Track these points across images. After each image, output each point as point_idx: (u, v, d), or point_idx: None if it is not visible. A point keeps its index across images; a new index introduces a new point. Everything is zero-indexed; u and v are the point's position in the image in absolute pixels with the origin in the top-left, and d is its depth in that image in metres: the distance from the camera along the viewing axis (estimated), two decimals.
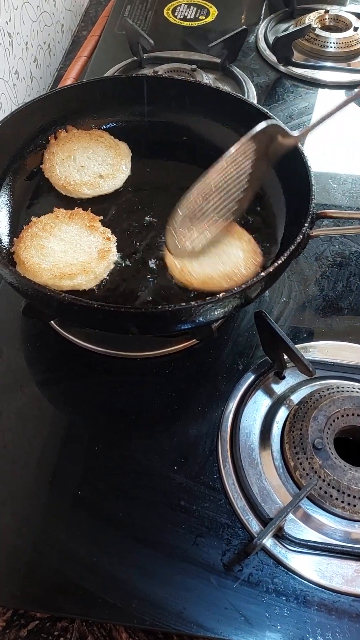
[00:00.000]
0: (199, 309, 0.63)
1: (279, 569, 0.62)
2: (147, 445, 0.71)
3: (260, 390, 0.75)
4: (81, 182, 0.87)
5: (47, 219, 0.80)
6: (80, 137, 0.92)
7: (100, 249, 0.77)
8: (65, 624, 0.63)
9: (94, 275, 0.75)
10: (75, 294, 0.73)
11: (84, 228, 0.80)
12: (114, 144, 0.92)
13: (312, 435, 0.66)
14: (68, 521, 0.65)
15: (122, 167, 0.90)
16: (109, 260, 0.77)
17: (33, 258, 0.75)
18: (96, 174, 0.88)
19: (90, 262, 0.76)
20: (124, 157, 0.91)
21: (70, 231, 0.79)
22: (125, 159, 0.91)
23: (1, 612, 0.64)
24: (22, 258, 0.75)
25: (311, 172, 0.75)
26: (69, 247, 0.77)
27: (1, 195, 0.83)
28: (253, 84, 1.19)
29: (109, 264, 0.77)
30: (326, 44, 1.25)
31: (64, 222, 0.80)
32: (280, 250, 0.79)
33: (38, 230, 0.78)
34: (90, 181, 0.87)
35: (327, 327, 0.82)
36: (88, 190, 0.87)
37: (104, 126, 0.96)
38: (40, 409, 0.75)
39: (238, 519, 0.64)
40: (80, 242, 0.78)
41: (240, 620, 0.59)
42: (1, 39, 1.08)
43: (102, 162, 0.90)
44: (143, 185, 0.90)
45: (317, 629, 0.58)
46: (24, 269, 0.74)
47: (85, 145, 0.91)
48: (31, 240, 0.77)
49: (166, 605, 0.59)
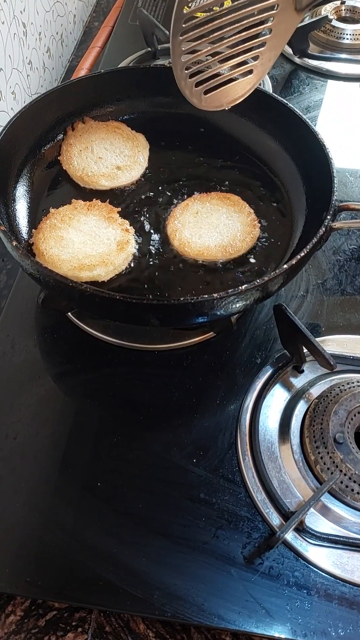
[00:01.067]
0: (221, 301, 0.63)
1: (300, 562, 0.62)
2: (166, 438, 0.71)
3: (278, 383, 0.75)
4: (99, 173, 0.87)
5: (66, 210, 0.80)
6: (98, 129, 0.92)
7: (119, 240, 0.77)
8: (83, 614, 0.63)
9: (113, 267, 0.75)
10: (93, 285, 0.72)
11: (103, 219, 0.79)
12: (132, 136, 0.92)
13: (333, 430, 0.66)
14: (88, 513, 0.65)
15: (139, 159, 0.89)
16: (127, 252, 0.77)
17: (52, 249, 0.75)
18: (114, 165, 0.88)
19: (109, 253, 0.75)
20: (142, 149, 0.91)
21: (89, 222, 0.79)
22: (142, 151, 0.91)
23: (19, 602, 0.64)
24: (41, 249, 0.74)
25: (333, 164, 0.74)
26: (88, 239, 0.77)
27: (20, 185, 0.83)
28: (268, 76, 1.18)
29: (128, 256, 0.77)
30: (342, 36, 1.24)
31: (82, 213, 0.80)
32: (299, 244, 0.78)
33: (57, 221, 0.78)
34: (107, 172, 0.87)
35: (345, 321, 0.82)
36: (106, 181, 0.86)
37: (121, 117, 0.95)
38: (57, 401, 0.75)
39: (258, 512, 0.64)
40: (98, 233, 0.78)
41: (261, 612, 0.59)
42: (16, 29, 1.07)
43: (120, 154, 0.89)
44: (160, 176, 0.89)
45: (339, 622, 0.58)
46: (43, 260, 0.74)
47: (102, 136, 0.91)
48: (50, 231, 0.77)
49: (187, 597, 0.59)
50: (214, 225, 0.81)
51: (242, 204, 0.83)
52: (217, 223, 0.81)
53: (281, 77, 1.20)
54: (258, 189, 0.87)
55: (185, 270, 0.78)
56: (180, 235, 0.80)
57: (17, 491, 0.67)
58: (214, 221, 0.81)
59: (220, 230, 0.80)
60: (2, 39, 1.01)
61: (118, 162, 0.88)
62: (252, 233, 0.80)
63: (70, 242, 0.76)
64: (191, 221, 0.81)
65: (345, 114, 1.14)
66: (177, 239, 0.79)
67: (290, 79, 1.20)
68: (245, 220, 0.81)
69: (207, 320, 0.67)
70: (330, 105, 1.15)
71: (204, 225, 0.81)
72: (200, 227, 0.81)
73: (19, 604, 0.64)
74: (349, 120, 1.12)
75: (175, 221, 0.81)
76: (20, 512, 0.66)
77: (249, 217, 0.82)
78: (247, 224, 0.81)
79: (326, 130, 1.09)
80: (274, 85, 1.17)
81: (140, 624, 0.62)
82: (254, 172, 0.89)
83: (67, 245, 0.76)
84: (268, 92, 0.87)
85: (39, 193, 0.84)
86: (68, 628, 0.62)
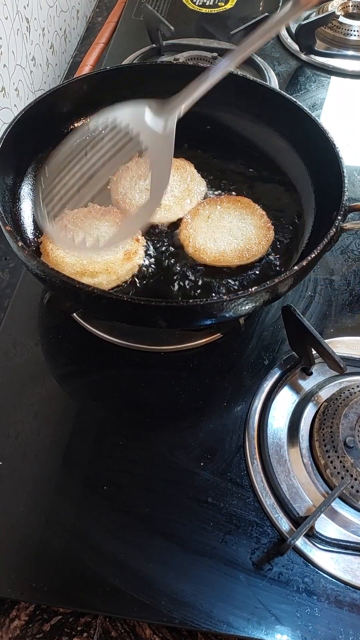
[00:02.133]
0: (230, 304, 0.61)
1: (309, 567, 0.61)
2: (172, 441, 0.70)
3: (287, 386, 0.74)
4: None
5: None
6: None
7: (127, 250, 0.75)
8: (89, 619, 0.62)
9: (116, 276, 0.73)
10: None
11: (115, 227, 0.78)
12: (193, 178, 0.86)
13: (344, 433, 0.65)
14: (93, 516, 0.64)
15: (185, 203, 0.83)
16: (133, 263, 0.75)
17: (59, 250, 0.73)
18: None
19: (114, 262, 0.74)
20: (193, 195, 0.84)
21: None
22: (193, 197, 0.84)
23: (24, 607, 0.63)
24: (47, 249, 0.73)
25: (343, 163, 0.73)
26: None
27: (25, 184, 0.81)
28: (274, 73, 1.16)
29: (134, 267, 0.76)
30: (349, 32, 1.22)
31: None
32: (308, 244, 0.77)
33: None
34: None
35: (354, 322, 0.81)
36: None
37: None
38: (60, 402, 0.74)
39: (267, 517, 0.64)
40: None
41: (270, 619, 0.58)
42: (19, 24, 1.06)
43: (168, 192, 0.83)
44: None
45: (350, 629, 0.57)
46: (48, 260, 0.73)
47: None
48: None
49: (195, 603, 0.59)
50: (227, 229, 0.79)
51: (253, 206, 0.82)
52: (230, 227, 0.79)
53: (287, 74, 1.19)
54: (266, 188, 0.86)
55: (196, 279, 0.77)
56: (194, 241, 0.78)
57: (18, 492, 0.66)
58: (226, 225, 0.80)
59: (234, 234, 0.79)
60: (5, 35, 1.00)
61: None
62: (267, 236, 0.78)
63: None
64: (204, 227, 0.80)
65: (352, 111, 1.13)
66: (191, 245, 0.78)
67: (296, 75, 1.19)
68: (259, 223, 0.80)
69: (215, 322, 0.66)
70: (337, 102, 1.13)
71: (217, 229, 0.79)
72: (214, 232, 0.79)
73: (24, 608, 0.63)
74: (355, 118, 1.11)
75: (188, 227, 0.80)
76: (23, 513, 0.65)
77: (261, 220, 0.80)
78: (261, 227, 0.79)
79: (333, 128, 1.07)
80: (280, 82, 1.15)
81: (146, 629, 0.61)
82: (262, 172, 0.88)
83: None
84: (276, 89, 0.86)
85: None
86: (73, 633, 0.61)
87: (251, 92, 0.88)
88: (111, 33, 1.34)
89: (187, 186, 0.84)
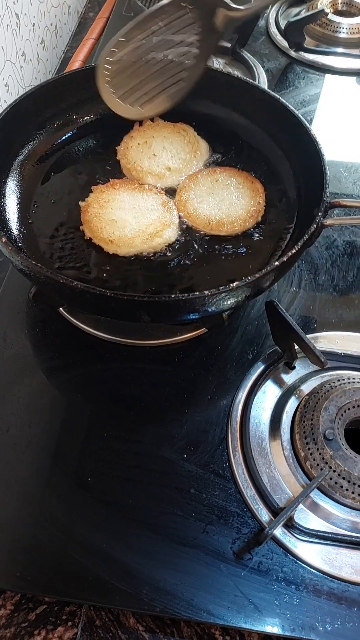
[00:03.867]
0: (212, 298, 0.62)
1: (289, 557, 0.62)
2: (157, 433, 0.71)
3: (270, 380, 0.75)
4: (148, 170, 0.85)
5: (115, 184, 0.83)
6: (163, 127, 0.90)
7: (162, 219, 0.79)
8: (74, 609, 0.63)
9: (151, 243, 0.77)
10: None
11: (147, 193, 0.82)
12: (194, 140, 0.89)
13: (323, 426, 0.66)
14: (78, 507, 0.65)
15: (192, 164, 0.87)
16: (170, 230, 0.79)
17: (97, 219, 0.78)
18: (164, 165, 0.86)
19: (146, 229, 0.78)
20: (199, 156, 0.88)
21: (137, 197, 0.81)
22: (199, 158, 0.88)
23: (9, 596, 0.64)
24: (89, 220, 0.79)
25: (325, 160, 0.74)
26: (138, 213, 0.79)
27: (10, 180, 0.82)
28: (264, 69, 1.17)
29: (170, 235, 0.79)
30: (338, 30, 1.23)
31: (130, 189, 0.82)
32: (291, 240, 0.78)
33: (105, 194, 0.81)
34: (157, 171, 0.85)
35: (337, 317, 0.82)
36: (152, 179, 0.85)
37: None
38: (48, 395, 0.75)
39: (248, 508, 0.65)
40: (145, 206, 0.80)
41: (249, 608, 0.59)
42: (9, 20, 1.06)
43: (174, 155, 0.87)
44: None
45: (327, 617, 0.58)
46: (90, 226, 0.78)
47: (165, 135, 0.89)
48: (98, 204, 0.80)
49: (176, 592, 0.60)
50: (220, 197, 0.82)
51: (260, 193, 0.83)
52: (224, 195, 0.82)
53: (276, 71, 1.19)
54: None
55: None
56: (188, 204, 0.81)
57: (9, 484, 0.67)
58: (223, 193, 0.82)
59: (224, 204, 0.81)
60: None
61: (170, 163, 0.86)
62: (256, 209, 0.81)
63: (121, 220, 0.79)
64: (201, 191, 0.83)
65: (341, 108, 1.13)
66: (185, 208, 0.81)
67: (285, 72, 1.19)
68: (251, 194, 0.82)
69: (198, 316, 0.67)
70: (326, 99, 1.14)
71: (212, 196, 0.82)
72: (208, 197, 0.82)
73: (9, 597, 0.64)
74: (344, 115, 1.12)
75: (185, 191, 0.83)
76: (12, 505, 0.66)
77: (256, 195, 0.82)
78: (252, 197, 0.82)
79: (321, 124, 1.09)
80: (269, 79, 1.16)
81: (130, 618, 0.62)
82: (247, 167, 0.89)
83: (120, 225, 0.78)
84: (261, 87, 0.87)
85: (30, 188, 0.83)
86: (58, 622, 0.62)
87: (237, 88, 0.88)
88: (102, 29, 1.34)
89: (191, 147, 0.88)
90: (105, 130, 0.92)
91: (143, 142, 0.88)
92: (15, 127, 0.82)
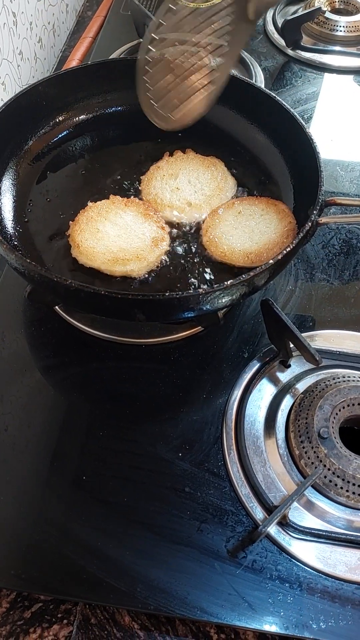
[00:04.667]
0: (206, 297, 0.62)
1: (283, 556, 0.62)
2: (152, 432, 0.71)
3: (265, 378, 0.75)
4: (168, 203, 0.83)
5: (103, 204, 0.81)
6: (193, 160, 0.88)
7: (154, 237, 0.77)
8: (69, 607, 0.63)
9: (146, 262, 0.75)
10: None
11: (140, 216, 0.80)
12: (223, 177, 0.87)
13: (318, 424, 0.66)
14: (73, 506, 0.66)
15: (215, 201, 0.84)
16: (161, 249, 0.77)
17: (88, 241, 0.76)
18: (186, 200, 0.84)
19: (143, 248, 0.76)
20: (223, 193, 0.85)
21: (125, 217, 0.79)
22: (223, 195, 0.85)
23: (5, 594, 0.64)
24: (77, 241, 0.76)
25: (320, 158, 0.74)
26: (123, 233, 0.78)
27: (5, 179, 0.82)
28: (261, 68, 1.17)
29: (162, 252, 0.77)
30: (335, 28, 1.23)
31: (119, 208, 0.80)
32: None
33: (94, 214, 0.79)
34: (177, 205, 0.83)
35: (333, 316, 0.82)
36: (169, 213, 0.83)
37: (110, 109, 0.94)
38: (44, 394, 0.75)
39: (242, 506, 0.65)
40: (134, 228, 0.78)
41: (243, 606, 0.59)
42: (5, 19, 1.06)
43: (199, 191, 0.84)
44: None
45: (321, 615, 0.58)
46: (78, 251, 0.76)
47: (193, 167, 0.87)
48: (87, 223, 0.78)
49: (170, 590, 0.60)
50: (249, 229, 0.79)
51: (287, 213, 0.80)
52: (253, 228, 0.79)
53: (274, 69, 1.19)
54: (247, 181, 0.87)
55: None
56: (212, 232, 0.79)
57: (8, 482, 0.67)
58: (251, 225, 0.80)
59: (253, 236, 0.79)
60: None
61: (192, 198, 0.84)
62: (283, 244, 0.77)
63: (105, 234, 0.77)
64: (229, 221, 0.81)
65: (338, 106, 1.13)
66: (208, 235, 0.79)
67: (282, 71, 1.19)
68: (282, 231, 0.78)
69: (193, 315, 0.67)
70: (324, 98, 1.14)
71: (240, 227, 0.80)
72: (235, 229, 0.80)
73: (5, 596, 0.64)
74: (341, 113, 1.12)
75: (214, 217, 0.81)
76: (10, 503, 0.66)
77: (286, 228, 0.78)
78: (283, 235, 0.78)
79: (318, 123, 1.09)
80: (266, 78, 1.16)
81: (125, 616, 0.62)
82: (242, 165, 0.89)
83: (102, 238, 0.77)
84: (257, 85, 0.87)
85: (26, 186, 0.84)
86: (53, 620, 0.62)
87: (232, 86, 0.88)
88: (99, 27, 1.34)
89: (217, 184, 0.85)
90: (101, 129, 0.92)
91: (169, 175, 0.85)
92: (11, 125, 0.82)
